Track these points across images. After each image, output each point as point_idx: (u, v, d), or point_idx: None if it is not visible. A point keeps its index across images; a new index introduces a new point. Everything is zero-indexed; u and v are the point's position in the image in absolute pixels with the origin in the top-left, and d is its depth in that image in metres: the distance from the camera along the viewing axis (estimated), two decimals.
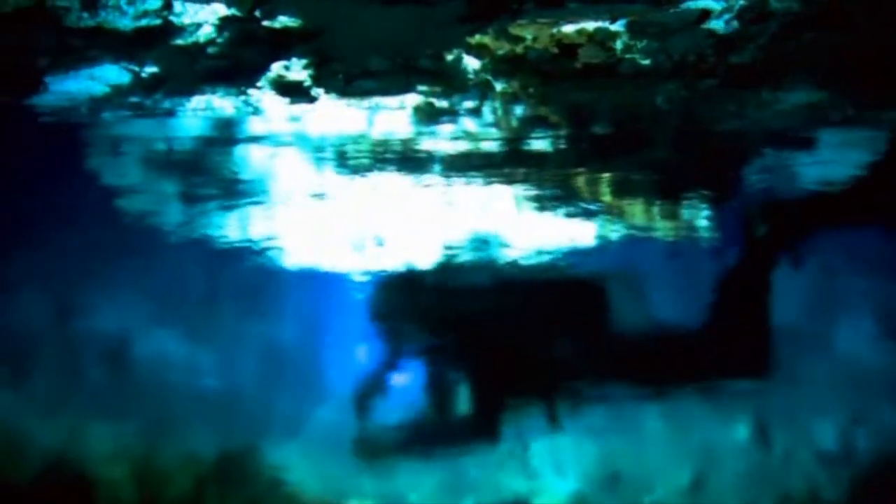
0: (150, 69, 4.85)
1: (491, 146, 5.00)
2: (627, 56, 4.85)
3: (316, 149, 5.08)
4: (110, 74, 4.82)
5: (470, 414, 3.96)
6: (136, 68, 4.82)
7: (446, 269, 5.06)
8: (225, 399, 3.86)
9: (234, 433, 3.60)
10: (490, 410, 3.91)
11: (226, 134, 5.09)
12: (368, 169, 5.15)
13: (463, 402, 3.91)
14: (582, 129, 4.87)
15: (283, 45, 4.83)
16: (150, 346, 4.73)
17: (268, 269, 5.23)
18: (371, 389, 4.00)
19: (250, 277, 5.23)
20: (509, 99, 4.80)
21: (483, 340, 4.40)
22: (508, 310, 4.84)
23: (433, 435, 3.82)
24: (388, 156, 5.04)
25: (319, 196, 5.21)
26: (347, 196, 5.20)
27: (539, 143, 4.96)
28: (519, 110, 4.79)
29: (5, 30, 4.83)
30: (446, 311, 4.96)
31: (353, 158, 5.09)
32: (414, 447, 3.71)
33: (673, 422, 3.64)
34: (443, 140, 4.97)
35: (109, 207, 5.13)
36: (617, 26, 4.83)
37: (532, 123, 4.83)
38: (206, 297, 5.11)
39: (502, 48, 4.84)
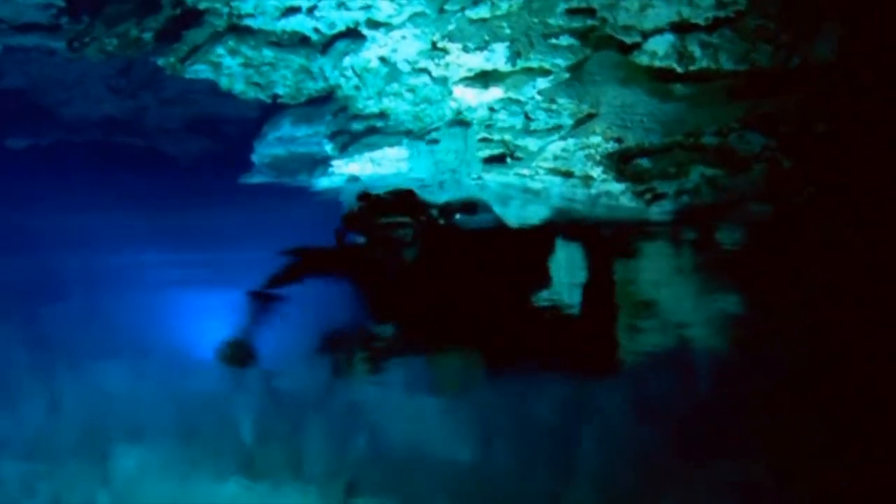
0: (426, 150, 4.98)
1: (779, 229, 4.80)
2: None
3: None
4: (389, 156, 4.99)
5: None
6: (413, 150, 4.97)
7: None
8: None
9: None
10: None
11: (499, 214, 5.15)
12: (639, 248, 5.06)
13: None
14: (876, 211, 4.58)
15: (557, 127, 4.84)
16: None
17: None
18: None
19: None
20: (798, 178, 4.58)
21: None
22: None
23: None
24: (661, 238, 4.95)
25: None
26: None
27: (829, 227, 4.72)
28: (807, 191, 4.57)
29: (300, 117, 5.11)
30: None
31: (626, 237, 5.03)
32: None
33: None
34: (724, 221, 4.83)
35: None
36: None
37: (822, 206, 4.59)
38: None
39: (788, 124, 4.65)
